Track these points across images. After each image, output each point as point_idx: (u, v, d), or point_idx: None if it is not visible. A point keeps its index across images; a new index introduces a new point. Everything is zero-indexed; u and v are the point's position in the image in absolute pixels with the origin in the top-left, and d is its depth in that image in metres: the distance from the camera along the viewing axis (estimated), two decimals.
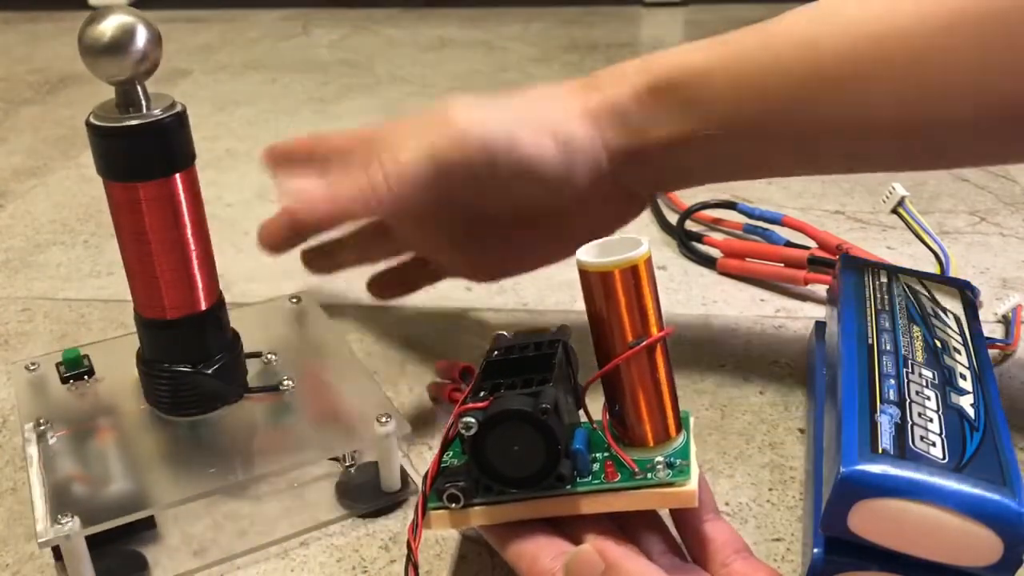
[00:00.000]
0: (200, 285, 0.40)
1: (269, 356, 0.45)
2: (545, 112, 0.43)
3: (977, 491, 0.31)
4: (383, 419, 0.40)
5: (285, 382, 0.43)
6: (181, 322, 0.40)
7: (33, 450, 0.40)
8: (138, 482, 0.39)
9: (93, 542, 0.36)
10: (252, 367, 0.44)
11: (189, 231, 0.38)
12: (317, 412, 0.43)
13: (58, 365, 0.45)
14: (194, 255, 0.39)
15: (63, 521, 0.35)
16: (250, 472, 0.40)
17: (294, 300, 0.50)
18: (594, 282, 0.35)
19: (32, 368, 0.45)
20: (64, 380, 0.44)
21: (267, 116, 0.94)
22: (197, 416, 0.41)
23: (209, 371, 0.40)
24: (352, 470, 0.43)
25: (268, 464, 0.40)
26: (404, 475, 0.42)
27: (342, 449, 0.42)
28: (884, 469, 0.31)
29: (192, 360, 0.40)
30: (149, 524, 0.39)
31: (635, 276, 0.34)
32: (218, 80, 1.06)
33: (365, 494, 0.42)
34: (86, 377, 0.44)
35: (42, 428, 0.40)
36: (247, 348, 0.44)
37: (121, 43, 0.34)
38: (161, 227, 0.38)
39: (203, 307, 0.40)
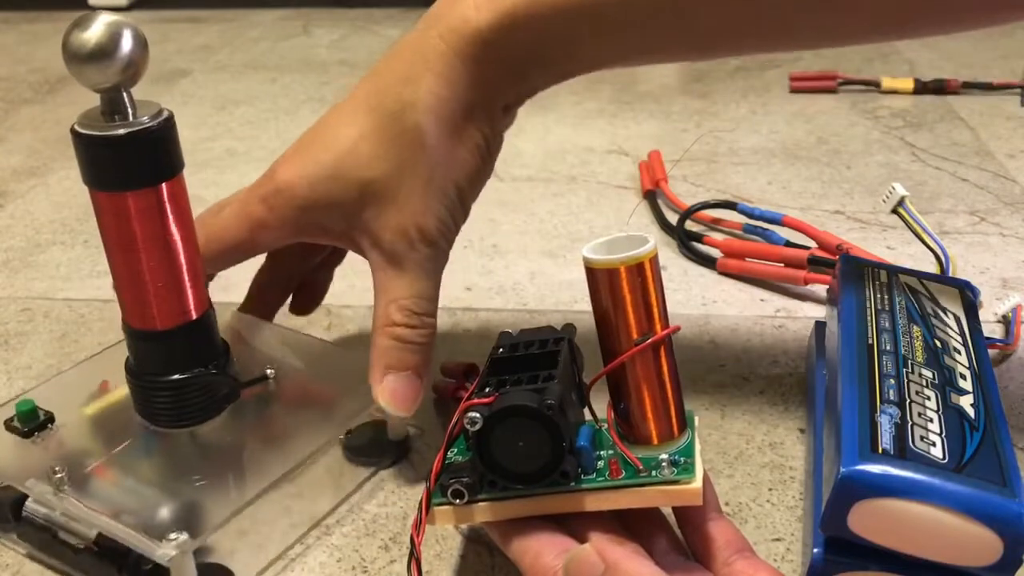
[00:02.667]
0: (190, 294, 0.38)
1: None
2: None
3: (977, 491, 0.31)
4: None
5: (268, 370, 0.43)
6: (174, 332, 0.38)
7: (66, 493, 0.37)
8: (194, 494, 0.38)
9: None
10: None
11: (179, 240, 0.37)
12: (309, 396, 0.43)
13: (8, 422, 0.41)
14: (184, 263, 0.38)
15: (172, 537, 0.34)
16: (289, 461, 0.39)
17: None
18: (600, 279, 0.35)
19: None
20: (28, 434, 0.40)
21: (267, 116, 0.94)
22: (195, 426, 0.40)
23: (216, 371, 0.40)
24: (351, 435, 0.44)
25: (298, 449, 0.40)
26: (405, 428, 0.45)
27: (356, 410, 0.43)
28: (884, 469, 0.31)
29: (188, 368, 0.39)
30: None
31: (641, 273, 0.34)
32: (218, 80, 1.06)
33: (376, 450, 0.44)
34: (49, 425, 0.41)
35: (59, 475, 0.37)
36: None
37: (106, 50, 0.33)
38: (150, 236, 0.36)
39: (193, 316, 0.39)
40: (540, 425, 0.33)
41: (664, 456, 0.34)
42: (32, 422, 0.40)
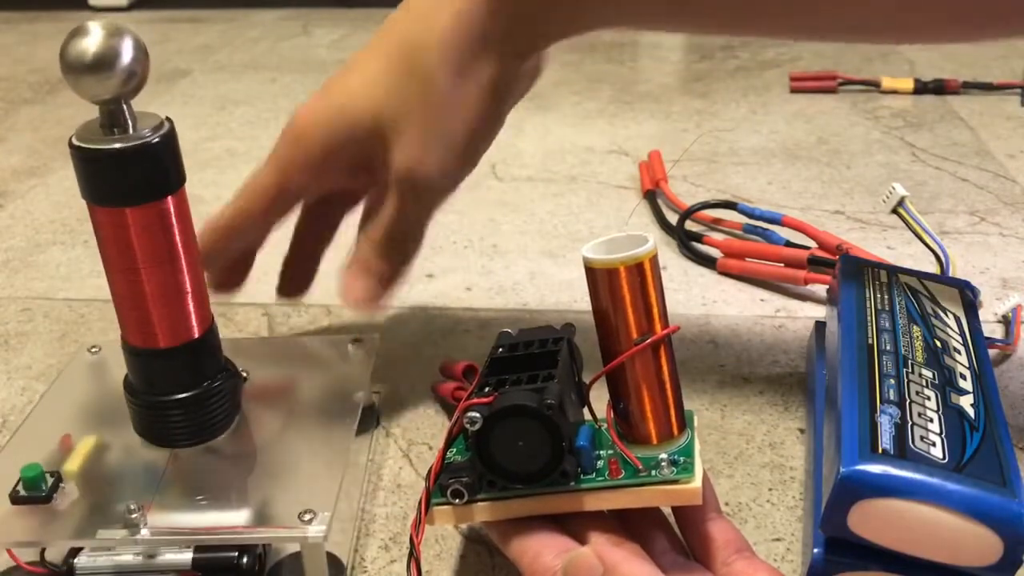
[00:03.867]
0: (192, 311, 0.37)
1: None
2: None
3: (977, 491, 0.31)
4: (351, 344, 0.45)
5: (243, 373, 0.42)
6: (178, 350, 0.37)
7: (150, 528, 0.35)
8: (272, 491, 0.37)
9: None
10: None
11: (182, 255, 0.36)
12: (286, 387, 0.44)
13: (14, 494, 0.36)
14: (187, 279, 0.37)
15: (306, 519, 0.34)
16: (343, 437, 0.40)
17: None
18: (600, 279, 0.35)
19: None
20: (47, 498, 0.36)
21: (267, 116, 0.94)
22: (208, 442, 0.39)
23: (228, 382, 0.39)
24: None
25: (336, 428, 0.40)
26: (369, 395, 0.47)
27: (352, 384, 0.44)
28: (884, 469, 0.31)
29: (194, 385, 0.38)
30: None
31: (640, 273, 0.34)
32: (218, 80, 1.06)
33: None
34: (61, 484, 0.37)
35: (136, 513, 0.35)
36: None
37: (106, 60, 0.32)
38: (151, 252, 0.35)
39: (195, 334, 0.37)
40: (540, 425, 0.33)
41: (663, 456, 0.34)
42: (43, 485, 0.37)
